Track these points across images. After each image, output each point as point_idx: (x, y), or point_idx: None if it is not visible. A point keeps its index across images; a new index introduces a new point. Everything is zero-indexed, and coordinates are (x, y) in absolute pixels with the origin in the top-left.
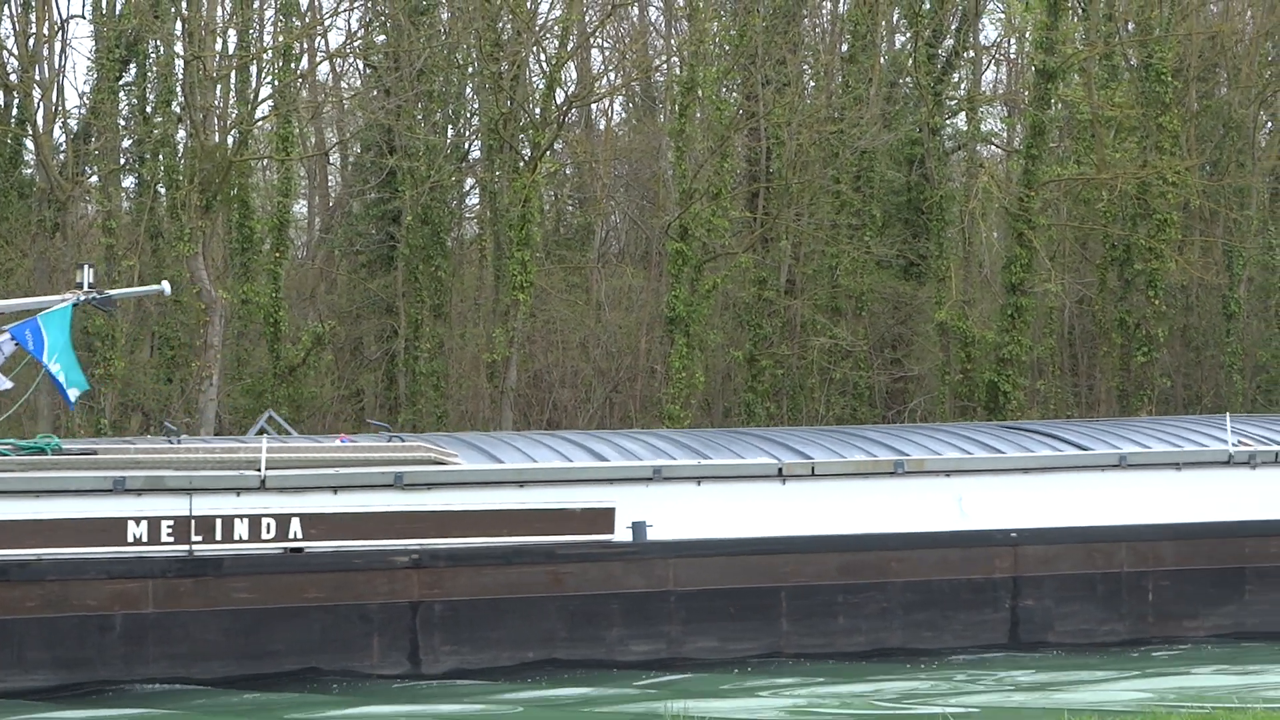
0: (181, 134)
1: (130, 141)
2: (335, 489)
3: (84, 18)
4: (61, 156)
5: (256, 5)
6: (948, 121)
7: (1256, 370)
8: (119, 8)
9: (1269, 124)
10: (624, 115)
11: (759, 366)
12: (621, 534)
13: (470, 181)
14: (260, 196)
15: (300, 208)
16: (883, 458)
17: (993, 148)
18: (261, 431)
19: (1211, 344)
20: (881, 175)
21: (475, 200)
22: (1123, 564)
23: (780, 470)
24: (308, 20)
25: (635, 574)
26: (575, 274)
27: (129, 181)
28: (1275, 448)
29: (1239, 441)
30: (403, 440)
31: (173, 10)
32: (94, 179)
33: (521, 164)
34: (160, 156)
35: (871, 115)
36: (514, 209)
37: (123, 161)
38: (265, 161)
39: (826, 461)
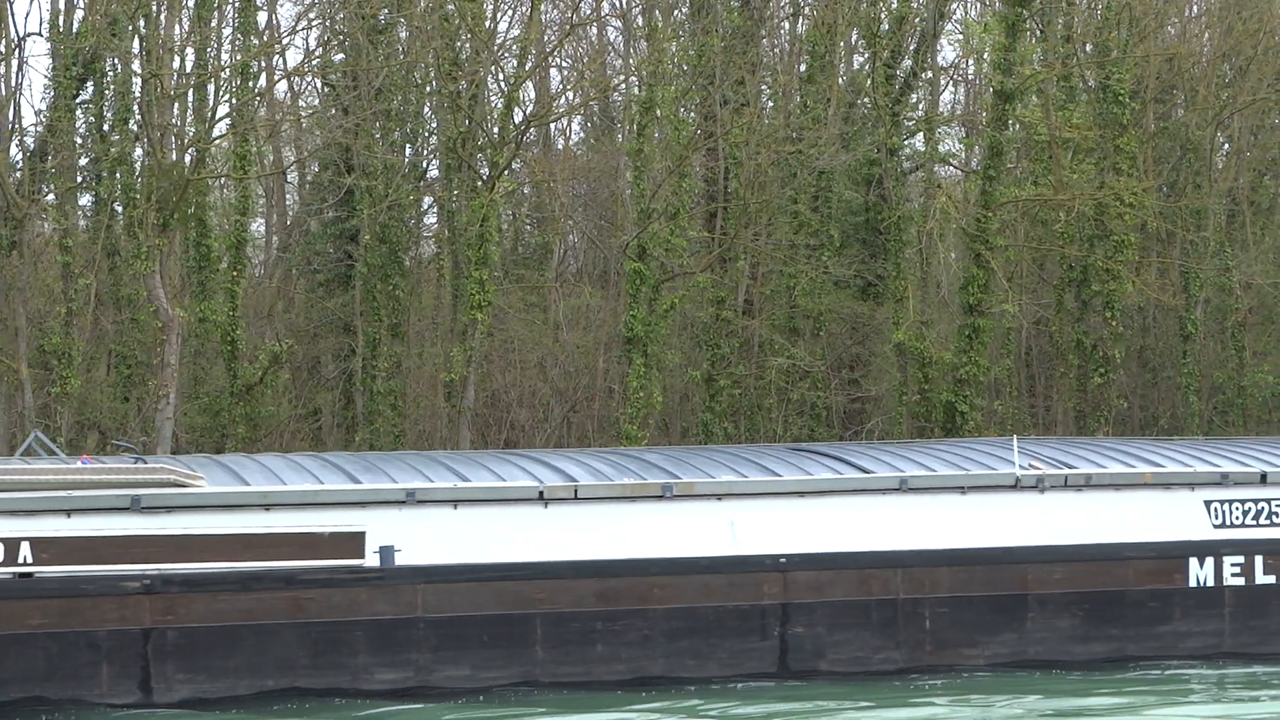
0: (139, 152)
1: (87, 160)
2: (69, 512)
3: (41, 35)
4: (18, 174)
5: (215, 24)
6: (906, 142)
7: (1213, 391)
8: (76, 26)
9: (1226, 146)
10: (582, 135)
11: (717, 386)
12: (372, 559)
13: (428, 200)
14: (218, 215)
15: (258, 226)
16: (651, 480)
17: (950, 168)
18: (29, 452)
19: (1168, 365)
20: (839, 195)
21: (433, 219)
22: (898, 591)
23: (541, 493)
24: (266, 39)
25: (381, 600)
26: (533, 293)
27: (86, 199)
28: (1065, 471)
29: (1029, 465)
30: (145, 462)
31: (130, 28)
32: (50, 197)
33: (479, 183)
34: (117, 174)
35: (830, 136)
36: (472, 228)
37: (79, 179)
38: (223, 180)
39: (590, 484)
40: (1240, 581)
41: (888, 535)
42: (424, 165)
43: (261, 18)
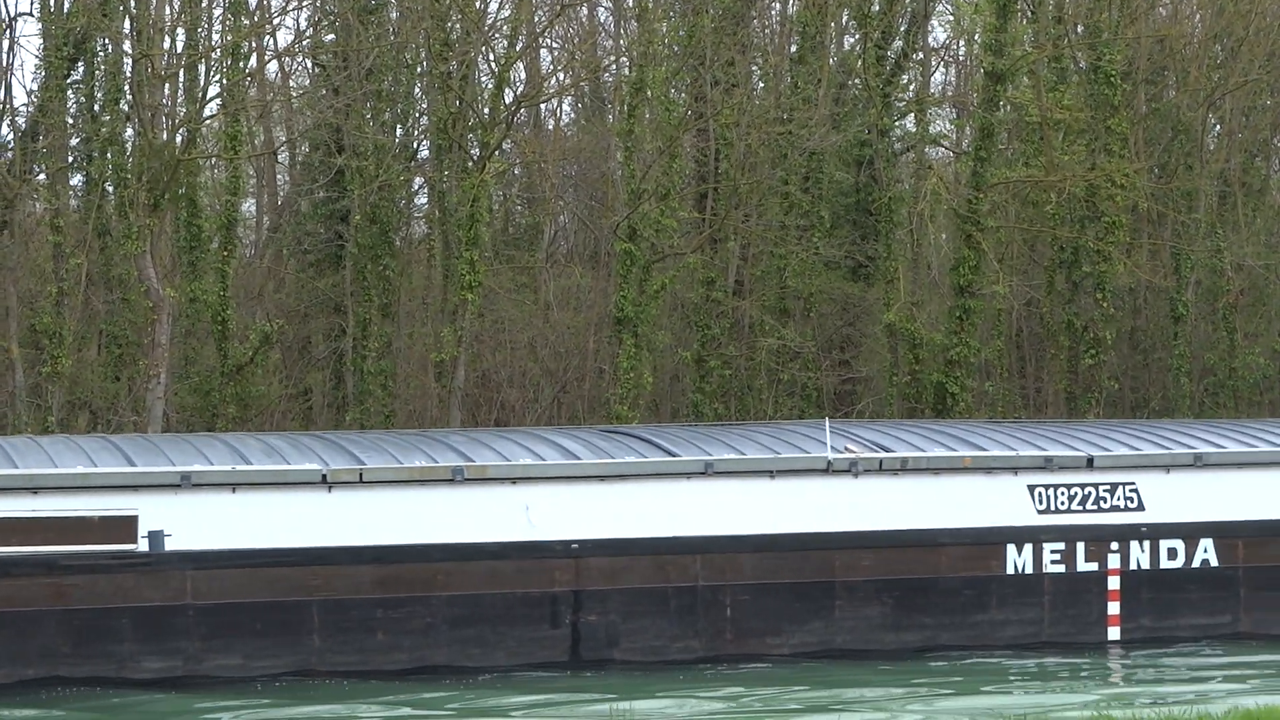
0: (129, 132)
1: (78, 139)
2: None
3: (32, 15)
4: (9, 154)
5: (205, 4)
6: (896, 123)
7: (1204, 373)
8: (67, 6)
9: (1217, 127)
10: (573, 115)
11: (707, 367)
12: (144, 544)
13: (419, 181)
14: (208, 195)
15: (248, 206)
16: (442, 464)
17: (941, 149)
18: None
19: (1159, 347)
20: (830, 176)
21: (424, 200)
22: (698, 577)
23: (325, 477)
24: (256, 19)
25: (149, 586)
26: (524, 274)
27: (77, 179)
28: (881, 455)
29: (845, 448)
30: None
31: (121, 8)
32: (42, 177)
33: (470, 164)
34: (108, 155)
35: (820, 116)
36: (462, 209)
37: (70, 159)
38: (213, 160)
39: (377, 468)
40: (1060, 569)
41: (689, 520)
42: (414, 146)
43: None
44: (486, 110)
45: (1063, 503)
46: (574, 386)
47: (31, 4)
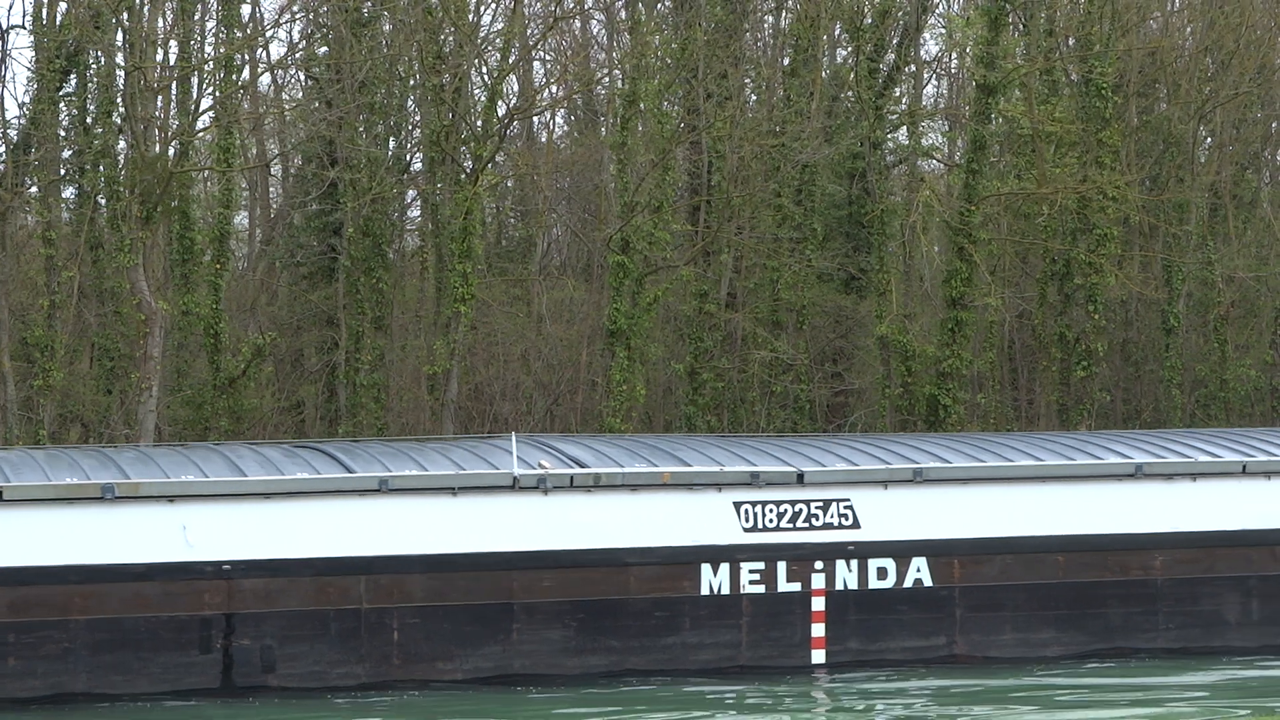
0: (122, 145)
1: (70, 152)
2: None
3: (24, 28)
4: (1, 167)
5: (198, 16)
6: (889, 136)
7: (1195, 385)
8: (60, 18)
9: (1208, 139)
10: (566, 128)
11: (700, 379)
12: None
13: (412, 194)
14: (201, 208)
15: (241, 219)
16: (92, 481)
17: (934, 162)
18: None
19: (1151, 359)
20: (823, 189)
21: (417, 212)
22: (361, 600)
23: None
24: (249, 31)
25: None
26: (517, 286)
27: (69, 192)
28: (572, 471)
29: (539, 464)
30: None
31: (114, 21)
32: (34, 189)
33: (463, 176)
34: (101, 167)
35: (813, 129)
36: (455, 221)
37: (63, 172)
38: (206, 173)
39: (19, 485)
40: (760, 589)
41: (355, 540)
42: (407, 158)
43: (245, 10)
44: (479, 123)
45: (771, 520)
46: (567, 399)
47: (24, 16)
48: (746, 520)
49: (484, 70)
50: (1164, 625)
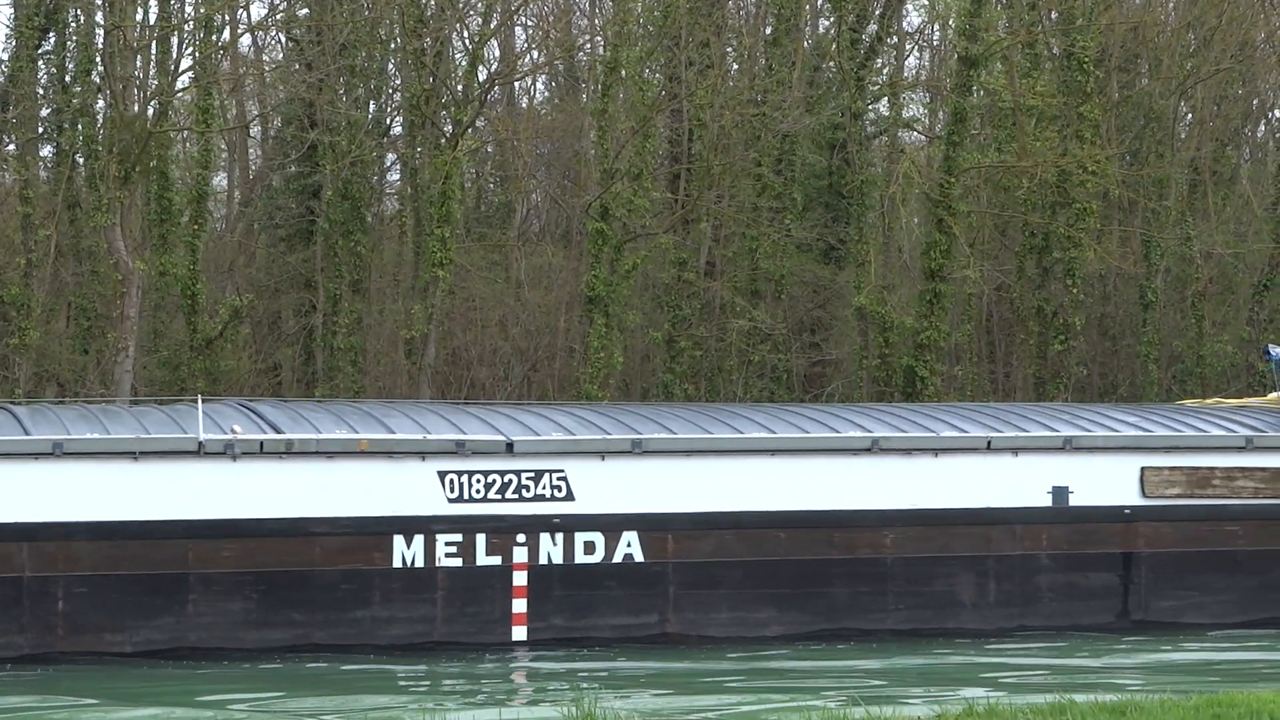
0: (101, 104)
1: (49, 110)
2: None
3: None
4: None
5: None
6: (870, 107)
7: (1172, 360)
8: None
9: (1189, 115)
10: (546, 94)
11: (678, 348)
12: None
13: (391, 157)
14: (179, 168)
15: (220, 180)
16: None
17: (914, 134)
18: None
19: (1128, 333)
20: (803, 159)
21: (396, 176)
22: (24, 568)
23: None
24: None
25: None
26: (495, 252)
27: (47, 151)
28: (262, 437)
29: (232, 429)
30: None
31: None
32: (11, 147)
33: (443, 141)
34: (79, 126)
35: (794, 99)
36: (435, 186)
37: (41, 130)
38: (185, 133)
39: None
40: (457, 562)
41: (20, 506)
42: (387, 122)
43: None
44: (460, 87)
45: (478, 491)
46: (544, 365)
47: None
48: (452, 490)
49: (465, 34)
50: (894, 606)
